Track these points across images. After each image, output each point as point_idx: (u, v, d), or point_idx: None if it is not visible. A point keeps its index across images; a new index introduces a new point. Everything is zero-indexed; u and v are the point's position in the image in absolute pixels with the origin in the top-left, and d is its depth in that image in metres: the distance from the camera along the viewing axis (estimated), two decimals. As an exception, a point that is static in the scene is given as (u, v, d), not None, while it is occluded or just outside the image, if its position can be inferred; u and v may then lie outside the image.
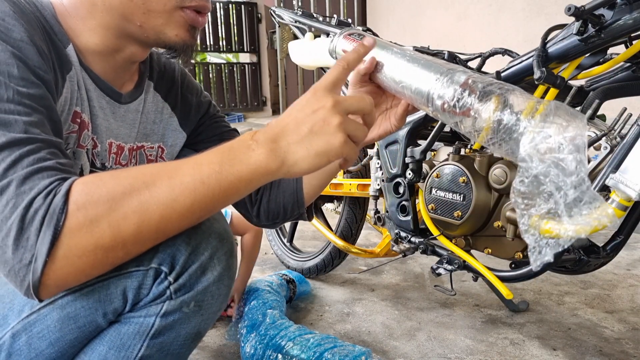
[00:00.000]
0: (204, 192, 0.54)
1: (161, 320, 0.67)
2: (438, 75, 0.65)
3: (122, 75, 0.80)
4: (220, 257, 0.69)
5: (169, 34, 0.72)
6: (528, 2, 3.24)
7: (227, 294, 0.73)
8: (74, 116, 0.72)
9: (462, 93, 0.61)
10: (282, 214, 0.99)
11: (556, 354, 1.31)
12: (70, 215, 0.51)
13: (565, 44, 0.96)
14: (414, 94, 0.68)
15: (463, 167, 1.10)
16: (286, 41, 1.86)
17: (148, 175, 0.54)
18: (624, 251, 2.05)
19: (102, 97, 0.77)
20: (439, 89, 0.64)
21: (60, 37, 0.70)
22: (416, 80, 0.68)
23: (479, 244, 1.14)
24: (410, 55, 0.72)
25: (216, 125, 0.97)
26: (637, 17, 0.85)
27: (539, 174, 0.55)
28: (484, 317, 1.53)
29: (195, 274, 0.67)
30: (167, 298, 0.67)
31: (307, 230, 2.42)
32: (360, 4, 4.75)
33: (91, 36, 0.72)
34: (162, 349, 0.69)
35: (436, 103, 0.64)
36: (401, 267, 1.97)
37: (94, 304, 0.65)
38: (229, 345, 1.36)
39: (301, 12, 1.73)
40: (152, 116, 0.88)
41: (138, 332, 0.68)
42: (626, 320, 1.50)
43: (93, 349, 0.68)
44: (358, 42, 0.81)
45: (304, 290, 1.68)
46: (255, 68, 7.45)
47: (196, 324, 0.70)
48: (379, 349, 1.34)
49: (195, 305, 0.68)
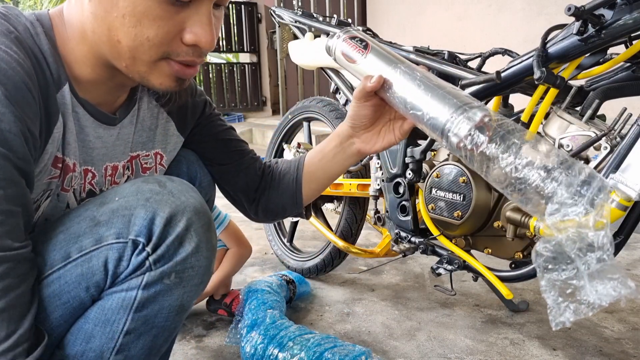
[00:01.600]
0: None
1: (143, 293, 0.68)
2: (453, 110, 0.63)
3: (116, 94, 0.79)
4: (197, 229, 0.70)
5: (153, 81, 0.70)
6: (528, 2, 3.24)
7: (207, 266, 0.73)
8: (55, 162, 0.71)
9: (479, 134, 0.60)
10: (280, 214, 1.01)
11: (556, 354, 1.31)
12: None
13: (565, 44, 0.96)
14: (427, 124, 0.67)
15: (463, 167, 1.10)
16: (286, 41, 1.86)
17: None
18: (624, 251, 2.05)
19: (98, 127, 0.77)
20: (455, 126, 0.63)
21: (55, 77, 0.68)
22: (429, 111, 0.66)
23: (479, 244, 1.14)
24: (420, 79, 0.70)
25: (212, 125, 0.97)
26: (637, 17, 0.85)
27: (563, 242, 0.55)
28: (484, 317, 1.53)
29: (173, 245, 0.68)
30: (146, 269, 0.67)
31: (307, 230, 2.42)
32: (360, 4, 4.75)
33: (85, 63, 0.71)
34: (147, 322, 0.70)
35: (451, 140, 0.63)
36: (401, 267, 1.97)
37: (77, 278, 0.67)
38: (229, 345, 1.36)
39: (301, 12, 1.73)
40: (148, 122, 0.87)
41: (121, 306, 0.68)
42: (626, 320, 1.50)
43: (79, 328, 0.69)
44: (359, 49, 0.80)
45: (304, 291, 1.68)
46: (255, 68, 7.45)
47: (178, 296, 0.71)
48: (379, 349, 1.34)
49: (175, 276, 0.69)
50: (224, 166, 0.98)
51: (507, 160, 0.58)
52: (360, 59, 0.79)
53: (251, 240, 2.32)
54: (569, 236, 0.55)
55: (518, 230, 1.03)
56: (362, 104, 0.81)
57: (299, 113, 1.92)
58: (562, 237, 0.55)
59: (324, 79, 3.01)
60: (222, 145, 0.98)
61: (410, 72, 0.72)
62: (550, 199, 0.55)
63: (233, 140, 1.00)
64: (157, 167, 0.90)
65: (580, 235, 0.54)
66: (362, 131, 0.87)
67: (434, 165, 1.22)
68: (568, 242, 0.55)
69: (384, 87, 0.75)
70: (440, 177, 1.15)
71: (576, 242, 0.54)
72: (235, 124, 6.39)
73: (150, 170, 0.89)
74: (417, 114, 0.68)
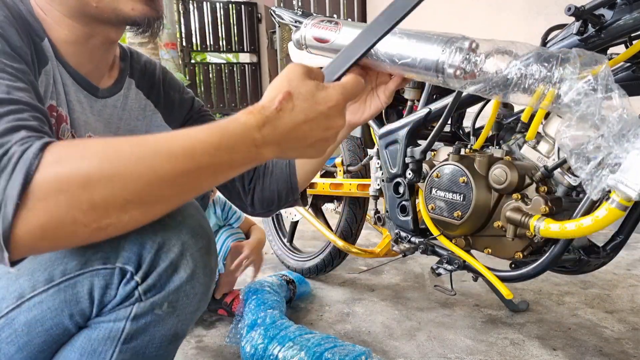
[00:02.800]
0: (192, 167, 0.50)
1: (132, 324, 0.64)
2: (442, 45, 0.69)
3: (99, 66, 0.79)
4: (194, 253, 0.66)
5: (124, 9, 0.70)
6: (528, 2, 3.24)
7: (204, 292, 0.70)
8: (50, 109, 0.70)
9: (474, 56, 0.66)
10: (276, 202, 0.97)
11: (556, 354, 1.31)
12: (43, 163, 0.47)
13: (565, 44, 0.96)
14: (419, 68, 0.71)
15: (463, 167, 1.10)
16: (286, 41, 1.86)
17: (134, 140, 0.50)
18: (624, 251, 2.05)
19: (79, 91, 0.76)
20: (448, 57, 0.68)
21: (36, 32, 0.69)
22: (418, 55, 0.70)
23: (479, 244, 1.14)
24: (400, 32, 0.74)
25: (204, 119, 0.97)
26: (637, 17, 0.85)
27: (583, 114, 0.62)
28: (484, 317, 1.52)
29: (166, 273, 0.64)
30: (136, 300, 0.64)
31: (307, 230, 2.42)
32: (360, 4, 4.75)
33: (60, 27, 0.71)
34: (137, 353, 0.67)
35: (448, 71, 0.68)
36: (401, 267, 1.97)
37: (60, 305, 0.63)
38: (229, 345, 1.36)
39: (301, 12, 1.73)
40: (136, 113, 0.88)
41: (109, 337, 0.65)
42: (626, 320, 1.50)
43: (65, 356, 0.66)
44: (331, 28, 0.82)
45: (304, 291, 1.68)
46: (255, 68, 7.45)
47: (172, 325, 0.67)
48: (379, 349, 1.34)
49: (168, 306, 0.65)
50: None
51: (513, 63, 0.64)
52: (334, 36, 0.83)
53: (251, 240, 2.33)
54: (588, 106, 0.61)
55: (518, 230, 1.03)
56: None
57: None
58: (582, 108, 0.61)
59: (324, 79, 2.99)
60: None
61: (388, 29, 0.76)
62: (561, 82, 0.62)
63: None
64: None
65: (597, 101, 0.61)
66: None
67: (434, 165, 1.22)
68: (589, 110, 0.61)
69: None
70: (440, 177, 1.15)
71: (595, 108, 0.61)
72: (235, 124, 6.38)
73: None
74: (407, 61, 0.72)
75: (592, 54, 0.63)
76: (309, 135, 0.57)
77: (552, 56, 0.64)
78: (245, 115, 0.54)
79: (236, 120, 0.53)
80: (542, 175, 1.00)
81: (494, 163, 1.07)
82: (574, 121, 0.63)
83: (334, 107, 0.57)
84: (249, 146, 0.53)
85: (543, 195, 1.00)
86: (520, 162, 1.08)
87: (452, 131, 1.37)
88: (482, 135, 1.18)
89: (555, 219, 0.96)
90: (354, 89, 0.60)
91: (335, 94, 0.58)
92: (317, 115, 0.56)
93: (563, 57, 0.63)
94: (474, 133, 1.25)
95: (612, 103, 0.62)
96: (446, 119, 1.19)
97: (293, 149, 0.57)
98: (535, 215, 0.98)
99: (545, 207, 0.98)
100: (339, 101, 0.58)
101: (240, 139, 0.52)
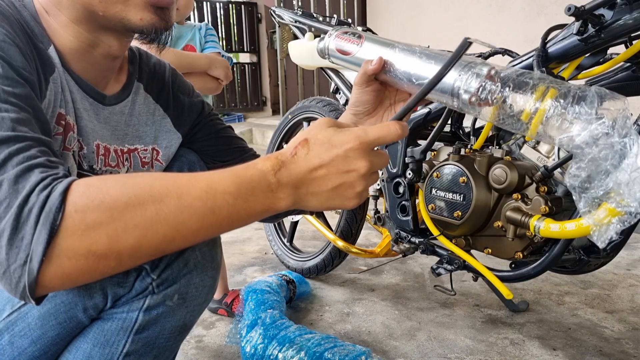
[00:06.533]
0: (213, 221, 0.53)
1: (144, 315, 0.67)
2: (460, 70, 0.67)
3: (105, 74, 0.78)
4: (202, 247, 0.69)
5: (132, 19, 0.68)
6: (528, 2, 3.24)
7: (212, 284, 0.72)
8: (58, 118, 0.70)
9: (491, 84, 0.64)
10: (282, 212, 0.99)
11: (556, 354, 1.31)
12: (67, 216, 0.48)
13: (565, 44, 0.96)
14: (436, 90, 0.69)
15: (463, 167, 1.10)
16: (286, 41, 1.86)
17: (156, 189, 0.51)
18: (624, 251, 2.05)
19: (85, 99, 0.75)
20: (464, 83, 0.66)
21: (41, 39, 0.68)
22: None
23: (479, 244, 1.14)
24: (419, 52, 0.73)
25: (212, 124, 0.97)
26: (637, 17, 0.85)
27: (595, 158, 0.60)
28: (484, 317, 1.52)
29: (178, 267, 0.67)
30: (149, 292, 0.66)
31: (307, 230, 2.42)
32: (360, 4, 4.75)
33: (66, 33, 0.70)
34: (148, 344, 0.69)
35: (463, 97, 0.66)
36: (401, 267, 1.97)
37: (73, 299, 0.65)
38: (229, 345, 1.36)
39: (301, 12, 1.73)
40: (144, 118, 0.87)
41: (122, 327, 0.67)
42: (626, 320, 1.50)
43: (77, 347, 0.68)
44: (353, 40, 0.82)
45: (304, 291, 1.68)
46: (255, 68, 7.46)
47: (181, 316, 0.70)
48: (379, 349, 1.34)
49: (179, 298, 0.68)
50: (226, 163, 0.98)
51: (525, 98, 0.63)
52: (356, 49, 0.83)
53: (251, 241, 2.33)
54: (601, 150, 0.59)
55: (518, 230, 1.03)
56: (364, 90, 0.82)
57: (299, 113, 1.92)
58: (594, 152, 0.59)
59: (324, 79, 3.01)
60: (223, 142, 0.98)
61: (409, 48, 0.75)
62: (576, 121, 0.60)
63: (233, 138, 1.00)
64: (154, 162, 0.90)
65: (612, 145, 0.58)
66: (365, 117, 0.87)
67: (434, 165, 1.22)
68: (602, 154, 0.59)
69: (385, 68, 0.76)
70: (440, 177, 1.15)
71: (609, 152, 0.59)
72: (235, 124, 6.38)
73: (148, 165, 0.89)
74: (424, 83, 0.70)
75: (612, 93, 0.60)
76: (328, 179, 0.56)
77: (569, 93, 0.61)
78: (261, 161, 0.56)
79: (253, 167, 0.55)
80: (542, 175, 1.00)
81: (494, 163, 1.07)
82: (585, 163, 0.61)
83: (352, 150, 0.56)
84: (265, 192, 0.54)
85: (543, 195, 1.00)
86: (520, 162, 1.08)
87: (452, 131, 1.37)
88: (482, 135, 1.18)
89: (555, 219, 0.96)
90: (379, 132, 0.58)
91: (353, 136, 0.56)
92: (333, 157, 0.55)
93: (580, 94, 0.61)
94: (474, 133, 1.25)
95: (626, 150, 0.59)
96: (446, 119, 1.19)
97: (312, 194, 0.57)
98: (535, 215, 0.98)
99: (545, 207, 0.98)
100: (357, 143, 0.56)
101: (257, 185, 0.54)
